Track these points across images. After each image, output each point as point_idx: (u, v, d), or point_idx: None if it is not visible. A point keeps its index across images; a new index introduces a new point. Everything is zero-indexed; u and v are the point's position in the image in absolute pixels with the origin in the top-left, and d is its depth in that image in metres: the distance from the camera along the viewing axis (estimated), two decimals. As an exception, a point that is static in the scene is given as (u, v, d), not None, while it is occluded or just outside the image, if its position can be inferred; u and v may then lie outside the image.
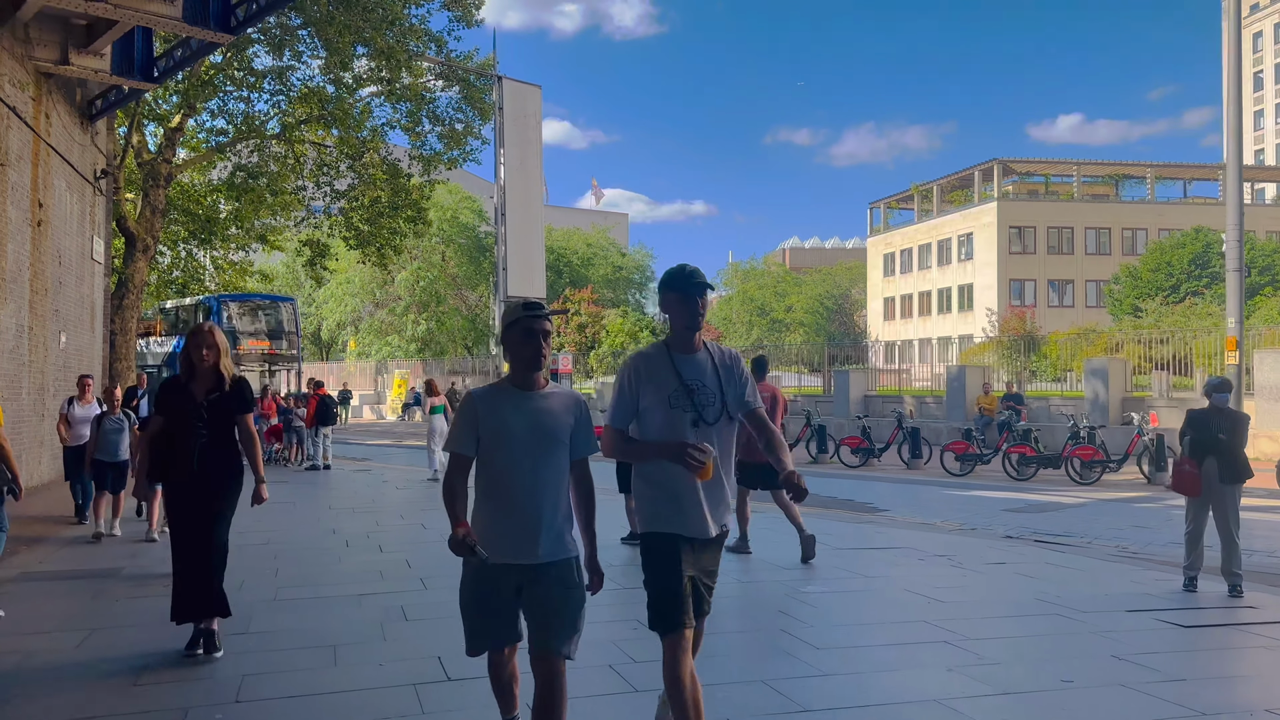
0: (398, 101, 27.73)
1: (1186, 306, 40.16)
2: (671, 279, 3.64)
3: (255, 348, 29.40)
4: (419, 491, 14.64)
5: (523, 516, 3.34)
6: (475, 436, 3.39)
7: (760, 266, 78.45)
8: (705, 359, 3.67)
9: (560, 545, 3.40)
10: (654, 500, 3.61)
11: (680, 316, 3.63)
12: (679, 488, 3.54)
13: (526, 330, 3.42)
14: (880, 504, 12.99)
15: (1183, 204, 61.46)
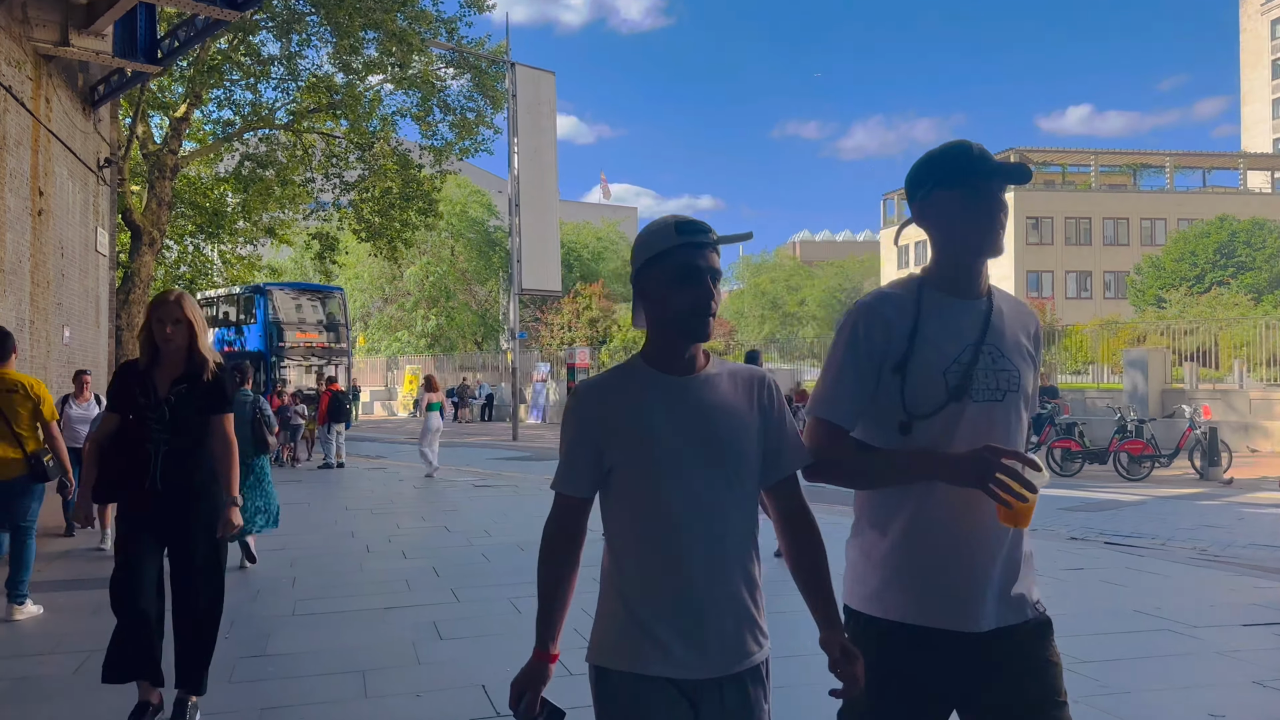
0: (409, 89, 27.10)
1: (1212, 297, 39.35)
2: (949, 162, 2.05)
3: (304, 341, 27.50)
4: (436, 490, 14.00)
5: (686, 594, 1.93)
6: (598, 462, 2.02)
7: (771, 260, 77.65)
8: (986, 308, 2.12)
9: (743, 645, 1.97)
10: (897, 574, 2.03)
11: (966, 229, 2.05)
12: (951, 544, 1.99)
13: (686, 269, 1.98)
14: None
15: (1202, 193, 60.53)
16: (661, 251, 2.00)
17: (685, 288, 1.98)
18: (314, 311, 28.80)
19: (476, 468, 17.87)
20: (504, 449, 23.21)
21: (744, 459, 1.99)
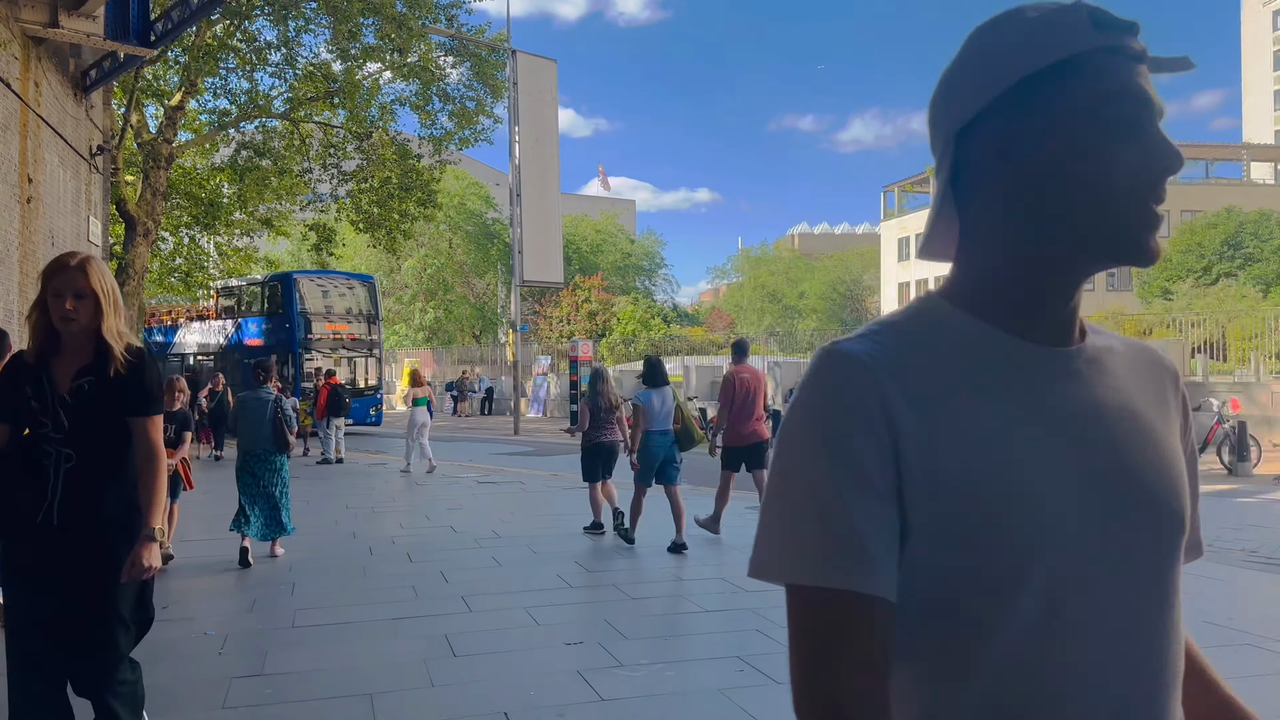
0: (408, 78, 26.58)
1: (1220, 289, 38.94)
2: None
3: (333, 332, 25.85)
4: (438, 487, 13.53)
5: None
6: (894, 524, 0.90)
7: (770, 253, 77.14)
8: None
9: None
10: None
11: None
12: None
13: (1132, 102, 0.93)
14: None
15: (1205, 185, 60.06)
16: (1069, 59, 0.94)
17: (1129, 143, 0.93)
18: (343, 301, 27.11)
19: (479, 463, 17.39)
20: (506, 444, 22.73)
21: (1181, 523, 0.99)
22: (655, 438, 8.51)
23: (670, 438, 8.55)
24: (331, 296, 26.82)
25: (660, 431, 8.51)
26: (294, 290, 25.14)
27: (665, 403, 8.55)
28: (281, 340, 24.73)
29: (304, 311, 25.06)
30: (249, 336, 26.03)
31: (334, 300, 26.93)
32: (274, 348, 24.15)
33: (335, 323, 26.09)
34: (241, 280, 27.97)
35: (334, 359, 25.39)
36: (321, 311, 25.80)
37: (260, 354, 23.01)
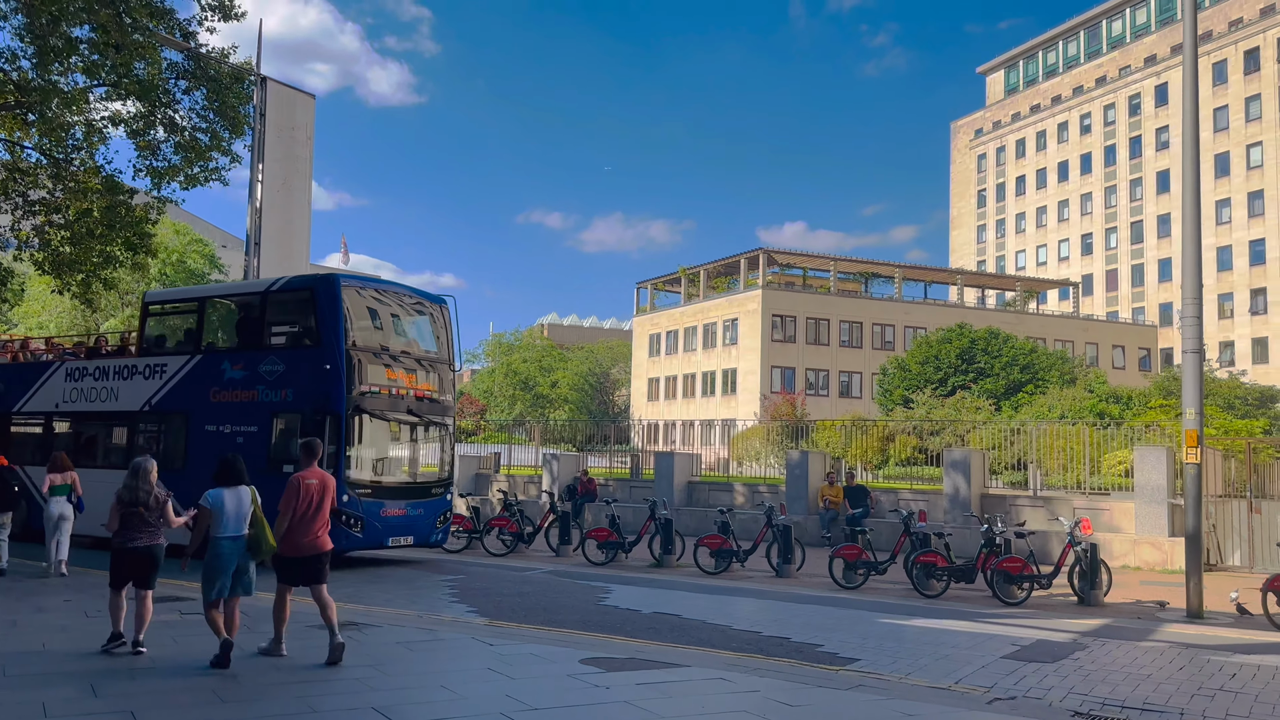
0: (126, 97, 21.99)
1: (956, 400, 40.53)
2: None
3: (395, 385, 15.81)
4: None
5: None
6: None
7: (523, 340, 74.84)
8: None
9: None
10: None
11: None
12: None
13: None
14: (828, 644, 9.41)
15: (924, 304, 64.52)
16: None
17: None
18: (407, 332, 17.12)
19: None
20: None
21: None
22: (225, 544, 7.96)
23: (243, 543, 8.07)
24: (390, 325, 16.81)
25: (231, 537, 7.99)
26: (339, 305, 14.96)
27: (241, 504, 8.11)
28: (313, 396, 14.87)
29: (355, 345, 15.19)
30: (224, 386, 16.01)
31: (395, 331, 16.86)
32: (299, 410, 14.93)
33: (397, 368, 16.02)
34: (229, 287, 18.84)
35: (391, 428, 16.19)
36: (376, 348, 15.85)
37: (253, 417, 15.32)
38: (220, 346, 16.88)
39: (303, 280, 16.27)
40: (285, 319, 16.50)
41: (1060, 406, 35.57)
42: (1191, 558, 11.98)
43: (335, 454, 14.45)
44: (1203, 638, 10.40)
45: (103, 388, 17.70)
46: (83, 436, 18.10)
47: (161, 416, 16.80)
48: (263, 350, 15.83)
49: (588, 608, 11.80)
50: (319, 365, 14.90)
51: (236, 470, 8.23)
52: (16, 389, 19.07)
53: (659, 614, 11.40)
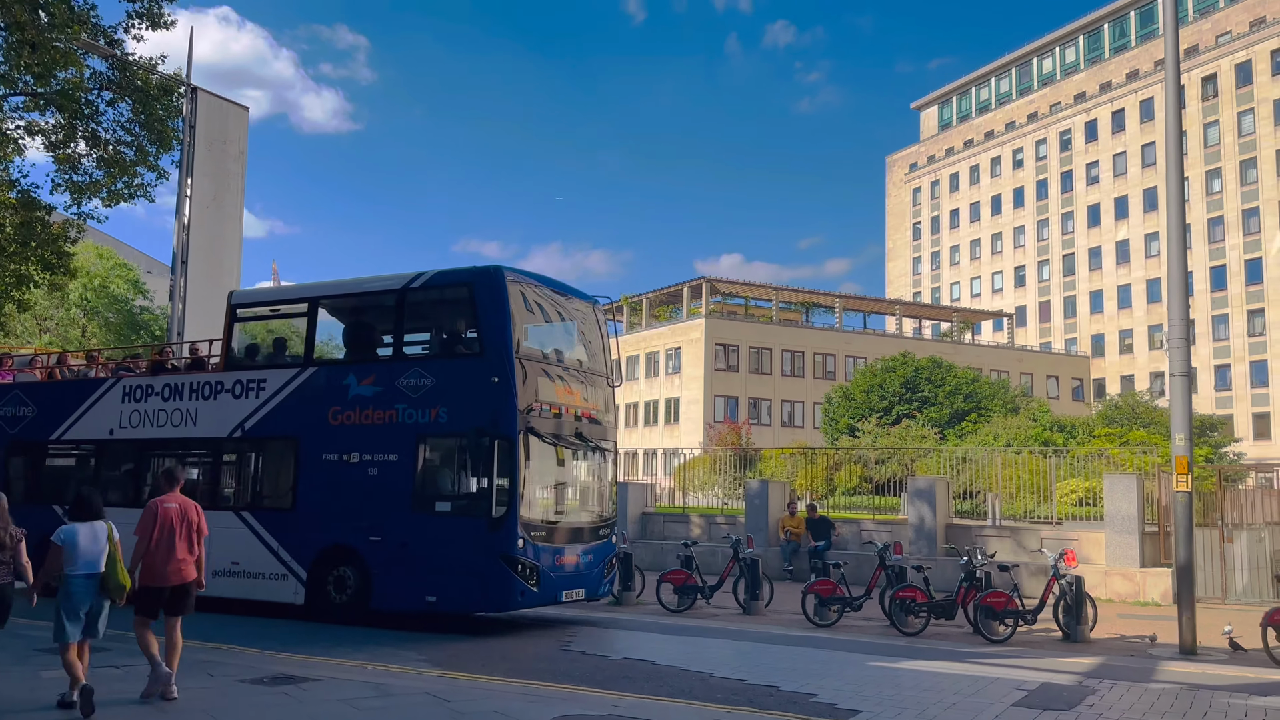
0: (44, 108, 20.64)
1: (902, 428, 40.34)
2: None
3: (565, 404, 12.94)
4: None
5: None
6: None
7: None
8: None
9: None
10: None
11: None
12: None
13: None
14: (822, 693, 8.59)
15: (865, 334, 64.84)
16: None
17: None
18: (570, 341, 14.15)
19: None
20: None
21: None
22: (78, 582, 7.50)
23: (97, 582, 7.61)
24: (551, 330, 14.00)
25: (85, 575, 7.53)
26: (506, 304, 12.17)
27: (96, 540, 7.63)
28: (465, 413, 12.00)
29: (524, 357, 12.33)
30: (348, 406, 12.90)
31: (557, 338, 13.92)
32: (440, 428, 12.25)
33: (565, 383, 13.13)
34: (322, 289, 14.39)
35: (558, 455, 12.93)
36: (539, 357, 12.85)
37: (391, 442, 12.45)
38: (342, 357, 14.12)
39: (457, 274, 12.94)
40: (431, 322, 13.73)
41: (1005, 435, 35.47)
42: (1184, 591, 11.46)
43: (507, 487, 11.52)
44: (1208, 677, 9.84)
45: (175, 410, 14.36)
46: (146, 469, 14.83)
47: (258, 444, 13.76)
48: (403, 361, 12.87)
49: (552, 654, 10.83)
50: (483, 378, 11.89)
51: (93, 505, 7.84)
52: (53, 413, 15.60)
53: (630, 660, 10.50)
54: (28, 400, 16.11)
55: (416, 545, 11.98)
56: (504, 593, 11.59)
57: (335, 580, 12.60)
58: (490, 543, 11.50)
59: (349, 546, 12.50)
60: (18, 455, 16.00)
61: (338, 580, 12.58)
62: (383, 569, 12.22)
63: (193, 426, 14.25)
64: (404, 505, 12.15)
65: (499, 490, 11.58)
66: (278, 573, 12.99)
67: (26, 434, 15.83)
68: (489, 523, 11.52)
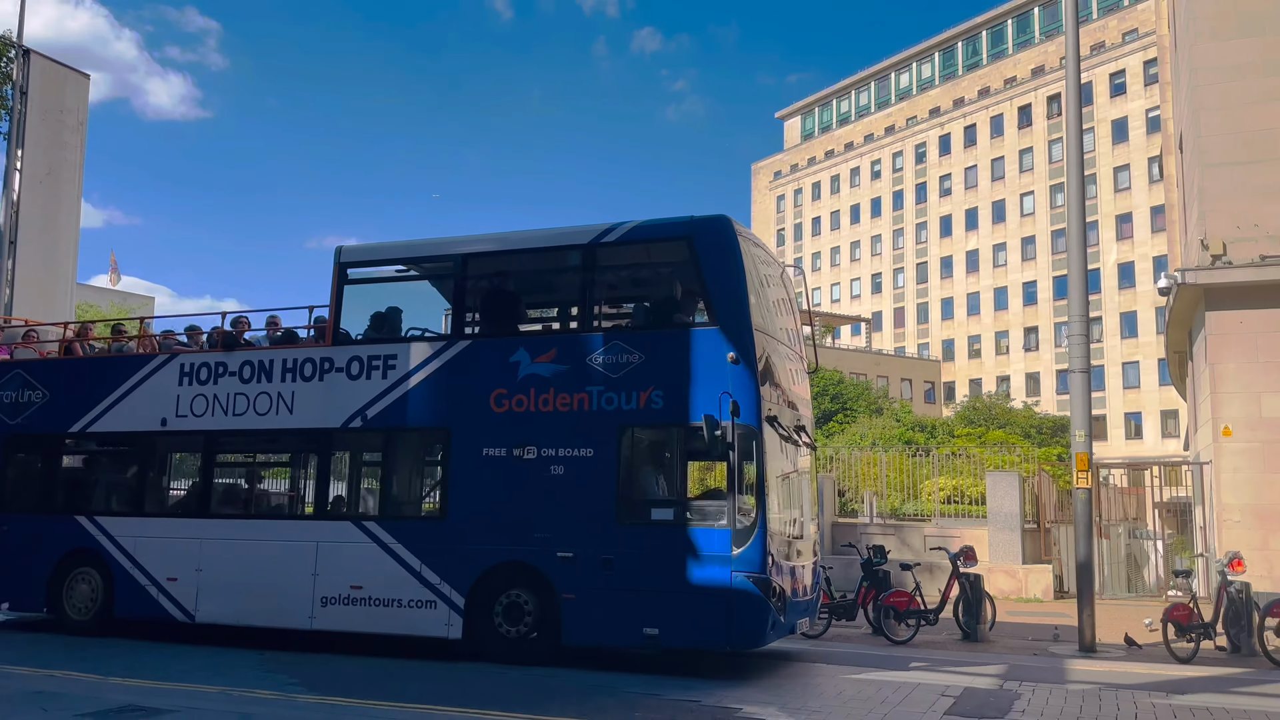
0: None
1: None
2: None
3: (796, 396, 11.14)
4: None
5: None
6: None
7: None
8: None
9: None
10: None
11: None
12: None
13: None
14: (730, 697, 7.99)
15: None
16: None
17: None
18: (780, 313, 11.43)
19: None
20: None
21: None
22: None
23: None
24: (777, 299, 11.35)
25: None
26: (740, 261, 9.95)
27: None
28: (688, 399, 9.75)
29: (763, 329, 10.10)
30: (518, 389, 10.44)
31: (782, 310, 11.47)
32: (655, 417, 9.90)
33: (788, 365, 11.05)
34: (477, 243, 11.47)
35: (784, 451, 10.44)
36: (762, 329, 10.14)
37: (583, 434, 10.04)
38: (507, 328, 11.18)
39: (670, 225, 10.42)
40: (633, 284, 11.34)
41: (871, 435, 36.20)
42: (1084, 587, 11.48)
43: (753, 491, 9.43)
44: (1120, 676, 9.76)
45: (261, 394, 11.53)
46: (213, 469, 12.21)
47: (388, 437, 11.26)
48: (596, 333, 10.33)
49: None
50: (715, 353, 9.61)
51: None
52: (74, 399, 12.53)
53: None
54: (35, 383, 12.73)
55: (627, 563, 9.51)
56: (756, 622, 9.14)
57: (506, 608, 9.99)
58: (734, 560, 9.17)
59: (526, 565, 9.93)
60: (21, 453, 13.05)
61: (510, 608, 9.97)
62: (579, 594, 9.63)
63: (288, 415, 11.37)
64: (605, 513, 9.69)
65: (742, 495, 9.40)
66: (421, 599, 10.27)
67: (34, 426, 12.62)
68: (733, 535, 9.21)
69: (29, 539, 12.26)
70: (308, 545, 10.90)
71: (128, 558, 11.74)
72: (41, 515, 12.43)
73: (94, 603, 11.88)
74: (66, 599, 12.00)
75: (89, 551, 11.96)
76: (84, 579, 11.98)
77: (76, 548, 12.02)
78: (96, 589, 11.88)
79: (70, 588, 11.99)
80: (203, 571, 11.31)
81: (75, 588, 11.97)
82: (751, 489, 9.39)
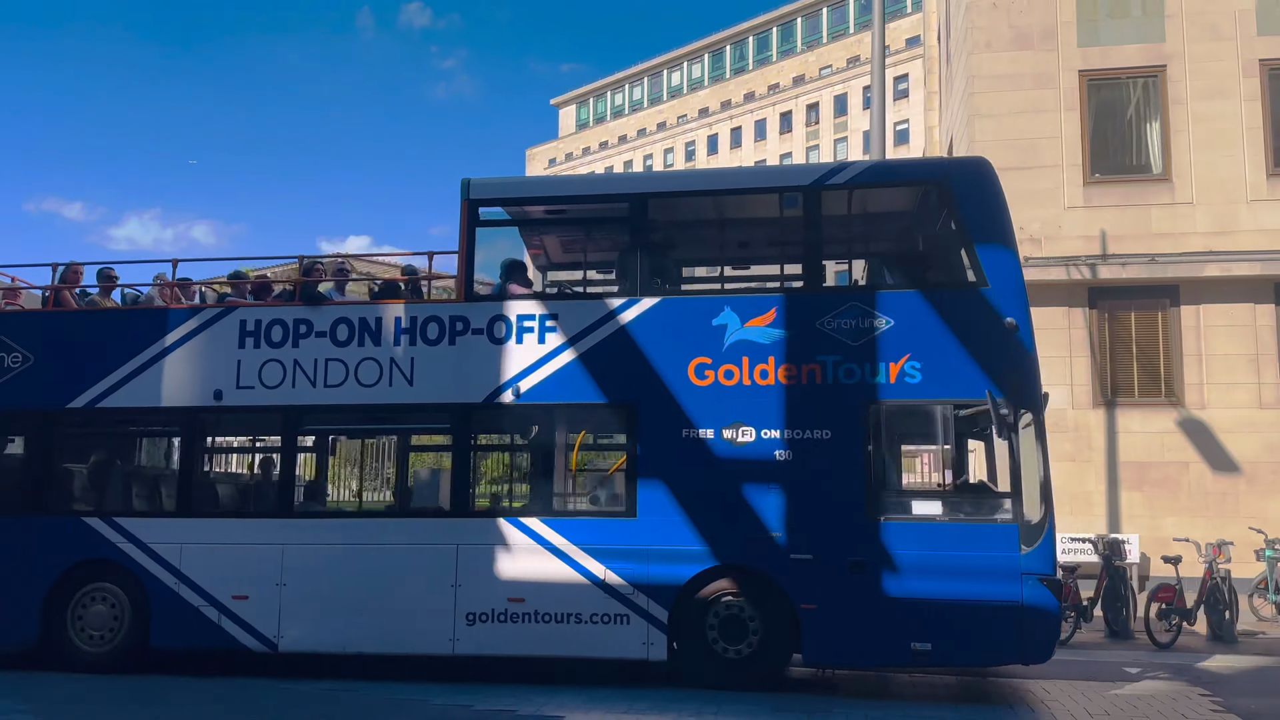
0: None
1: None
2: None
3: None
4: None
5: None
6: None
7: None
8: None
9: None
10: None
11: None
12: None
13: None
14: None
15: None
16: None
17: None
18: None
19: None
20: None
21: None
22: None
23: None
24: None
25: None
26: (1007, 212, 8.82)
27: None
28: (956, 372, 8.36)
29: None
30: (725, 357, 8.71)
31: None
32: (910, 391, 8.43)
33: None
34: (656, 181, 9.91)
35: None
36: None
37: (815, 412, 8.47)
38: (704, 285, 10.00)
39: (917, 166, 9.83)
40: (867, 234, 9.97)
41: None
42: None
43: (1038, 482, 8.14)
44: None
45: (364, 361, 9.25)
46: (297, 457, 9.89)
47: (550, 415, 9.33)
48: (827, 293, 8.98)
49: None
50: (985, 319, 8.37)
51: None
52: (75, 363, 9.72)
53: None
54: (10, 344, 9.77)
55: (883, 567, 8.14)
56: (1050, 633, 7.99)
57: (724, 623, 8.36)
58: (1024, 561, 7.95)
59: (749, 570, 8.41)
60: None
61: (728, 623, 8.36)
62: (821, 604, 8.20)
63: (406, 387, 9.15)
64: (852, 507, 8.31)
65: (1027, 486, 8.16)
66: (608, 613, 8.48)
67: (9, 399, 9.71)
68: (1020, 532, 8.01)
69: (7, 549, 9.38)
70: (444, 549, 8.74)
71: (169, 570, 9.07)
72: (26, 518, 9.51)
73: (116, 629, 9.14)
74: (73, 625, 9.18)
75: (107, 563, 9.20)
76: (100, 598, 9.20)
77: (86, 559, 9.23)
78: (121, 611, 9.13)
79: (79, 610, 9.17)
80: (286, 586, 8.84)
81: (87, 610, 9.16)
82: (1039, 480, 8.17)
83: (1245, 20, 15.59)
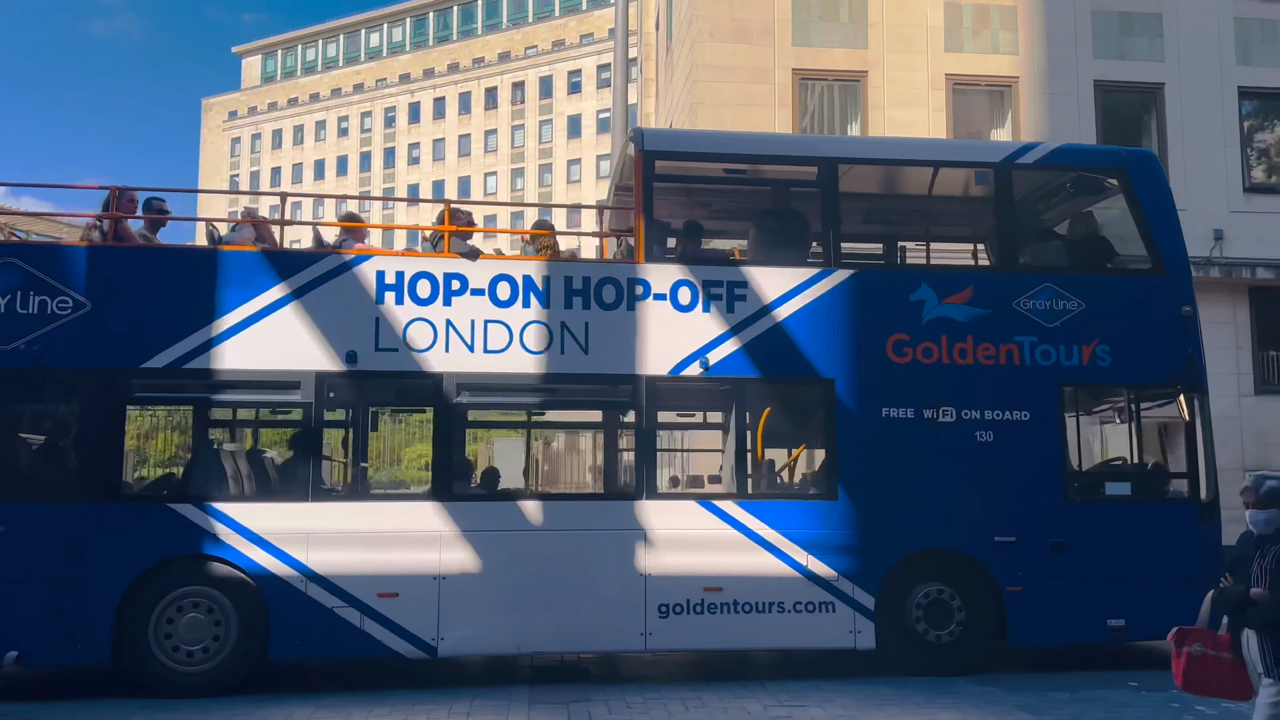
0: None
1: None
2: None
3: None
4: None
5: None
6: None
7: None
8: None
9: None
10: None
11: None
12: None
13: None
14: None
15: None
16: None
17: None
18: None
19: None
20: None
21: None
22: None
23: None
24: None
25: None
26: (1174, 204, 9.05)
27: None
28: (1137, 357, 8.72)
29: None
30: (924, 335, 8.46)
31: None
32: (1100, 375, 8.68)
33: None
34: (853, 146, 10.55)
35: None
36: None
37: (1013, 393, 8.43)
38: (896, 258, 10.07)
39: (1097, 152, 10.21)
40: (1049, 218, 9.88)
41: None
42: None
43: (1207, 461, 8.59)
44: None
45: (530, 324, 8.19)
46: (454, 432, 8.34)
47: (743, 389, 8.58)
48: (1023, 273, 8.90)
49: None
50: (1165, 306, 8.79)
51: None
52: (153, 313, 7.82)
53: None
54: (58, 285, 7.68)
55: (1082, 547, 8.32)
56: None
57: (929, 607, 8.21)
58: (1201, 537, 8.39)
59: (953, 553, 8.31)
60: (31, 402, 8.09)
61: (934, 607, 8.22)
62: (1027, 585, 8.24)
63: (580, 355, 8.25)
64: (1050, 488, 8.44)
65: (1204, 466, 8.55)
66: (813, 600, 8.09)
67: (59, 357, 7.62)
68: (1200, 511, 8.49)
69: (63, 544, 7.41)
70: (632, 535, 7.98)
71: (294, 568, 7.58)
72: (85, 505, 7.52)
73: (221, 641, 7.44)
74: (156, 638, 7.38)
75: (201, 560, 7.54)
76: (194, 604, 7.47)
77: (173, 556, 7.50)
78: (226, 619, 7.46)
79: (164, 620, 7.41)
80: (446, 580, 7.73)
81: (178, 619, 7.42)
82: (1207, 460, 8.62)
83: (935, 36, 17.01)
